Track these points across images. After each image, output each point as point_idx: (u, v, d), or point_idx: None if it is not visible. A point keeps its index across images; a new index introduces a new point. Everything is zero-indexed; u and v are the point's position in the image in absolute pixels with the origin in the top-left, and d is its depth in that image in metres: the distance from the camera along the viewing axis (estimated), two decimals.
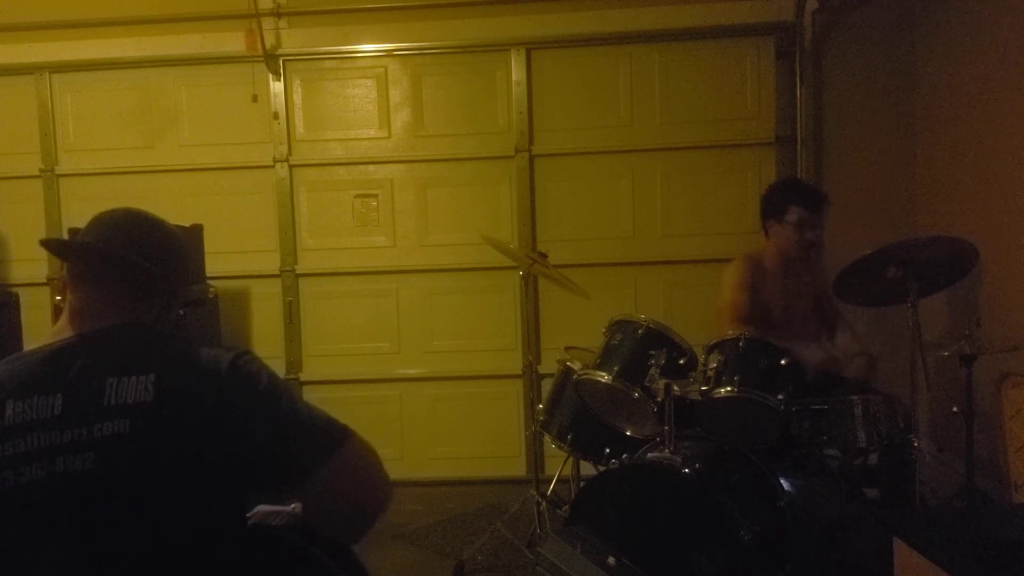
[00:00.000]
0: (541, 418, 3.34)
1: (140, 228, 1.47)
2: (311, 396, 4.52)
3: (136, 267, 1.41)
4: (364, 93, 4.50)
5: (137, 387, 1.27)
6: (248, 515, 1.40)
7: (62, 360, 1.33)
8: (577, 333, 3.93)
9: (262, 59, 4.37)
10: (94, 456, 1.24)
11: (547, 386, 3.47)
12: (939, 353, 3.14)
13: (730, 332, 2.91)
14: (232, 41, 4.37)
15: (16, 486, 1.24)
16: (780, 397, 2.70)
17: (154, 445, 1.25)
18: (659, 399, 2.75)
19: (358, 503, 1.32)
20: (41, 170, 4.56)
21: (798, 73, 4.28)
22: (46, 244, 1.48)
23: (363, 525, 1.34)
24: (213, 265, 4.22)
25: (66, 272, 1.44)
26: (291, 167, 4.50)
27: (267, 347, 4.46)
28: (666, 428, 2.71)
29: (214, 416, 1.27)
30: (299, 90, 4.50)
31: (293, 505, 1.42)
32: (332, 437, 1.31)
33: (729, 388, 2.73)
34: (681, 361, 2.85)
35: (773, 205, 3.35)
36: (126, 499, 1.24)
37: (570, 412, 3.24)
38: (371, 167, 4.52)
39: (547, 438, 3.36)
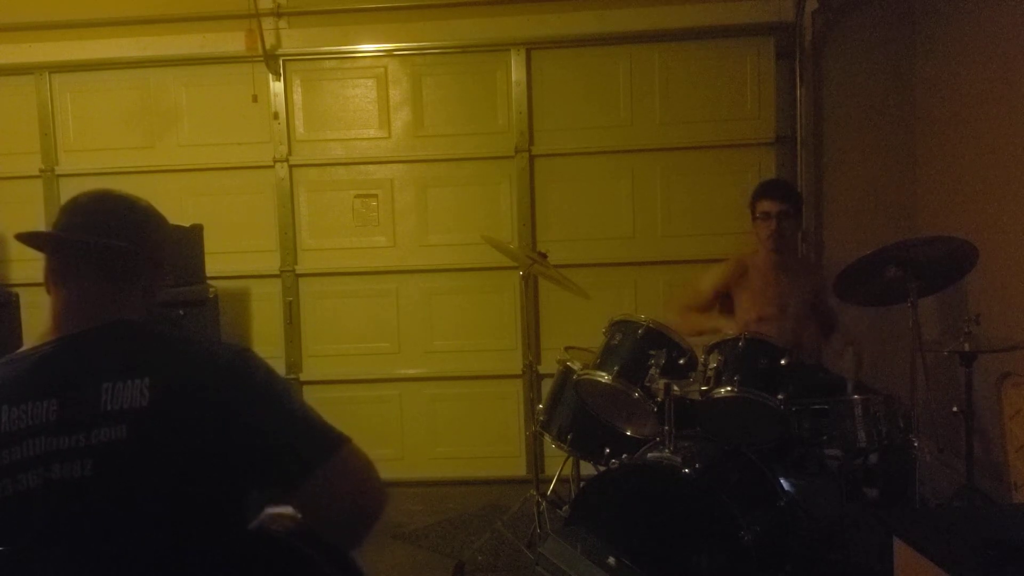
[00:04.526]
0: (541, 418, 3.34)
1: (108, 207, 1.43)
2: (311, 396, 4.52)
3: (109, 249, 1.38)
4: (364, 93, 4.50)
5: (132, 392, 1.25)
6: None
7: (52, 364, 1.31)
8: (577, 333, 3.92)
9: (262, 59, 4.37)
10: (92, 463, 1.23)
11: (547, 386, 3.47)
12: (939, 352, 3.14)
13: (730, 332, 2.92)
14: (232, 41, 4.37)
15: (15, 494, 1.23)
16: (780, 397, 2.70)
17: (152, 450, 1.24)
18: (659, 399, 2.75)
19: (354, 508, 1.30)
20: (41, 170, 4.56)
21: (798, 73, 4.28)
22: (20, 238, 1.43)
23: (359, 531, 1.33)
24: (213, 265, 4.22)
25: (44, 270, 1.40)
26: (291, 167, 4.50)
27: (267, 347, 4.46)
28: (666, 428, 2.71)
29: (210, 417, 1.25)
30: (299, 90, 4.50)
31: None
32: (330, 440, 1.30)
33: (729, 388, 2.73)
34: (681, 361, 2.85)
35: (750, 205, 3.48)
36: (125, 505, 1.23)
37: (570, 412, 3.24)
38: (371, 167, 4.52)
39: (547, 438, 3.36)
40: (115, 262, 1.40)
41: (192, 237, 4.09)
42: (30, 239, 1.45)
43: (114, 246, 1.39)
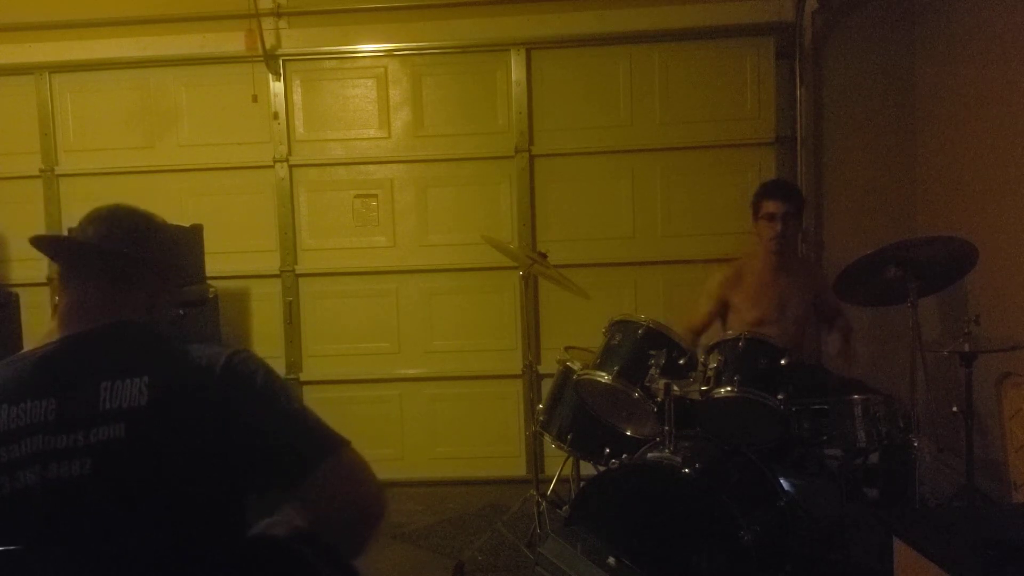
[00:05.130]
0: (541, 418, 3.34)
1: (120, 219, 1.47)
2: (311, 396, 4.52)
3: (114, 255, 1.41)
4: (364, 93, 4.50)
5: (131, 390, 1.25)
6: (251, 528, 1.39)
7: (52, 364, 1.32)
8: (577, 333, 3.92)
9: (262, 59, 4.37)
10: (91, 462, 1.23)
11: (547, 386, 3.47)
12: (939, 352, 3.14)
13: (730, 332, 2.92)
14: (232, 41, 4.37)
15: (13, 492, 1.23)
16: (780, 397, 2.70)
17: (150, 448, 1.24)
18: (659, 399, 2.75)
19: (353, 511, 1.30)
20: (41, 170, 4.56)
21: (798, 73, 4.28)
22: (33, 241, 1.48)
23: (360, 535, 1.32)
24: (213, 265, 4.22)
25: (56, 274, 1.44)
26: (291, 167, 4.50)
27: (267, 347, 4.46)
28: (666, 428, 2.71)
29: (209, 416, 1.25)
30: (299, 90, 4.50)
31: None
32: (329, 441, 1.30)
33: (729, 388, 2.73)
34: (681, 361, 2.85)
35: (752, 204, 3.49)
36: (123, 504, 1.23)
37: (570, 412, 3.24)
38: (371, 167, 4.52)
39: (547, 438, 3.36)
40: (115, 265, 1.41)
41: (192, 237, 4.08)
42: (38, 242, 1.49)
43: (114, 249, 1.41)
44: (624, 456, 2.87)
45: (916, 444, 2.80)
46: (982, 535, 1.73)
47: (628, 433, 3.06)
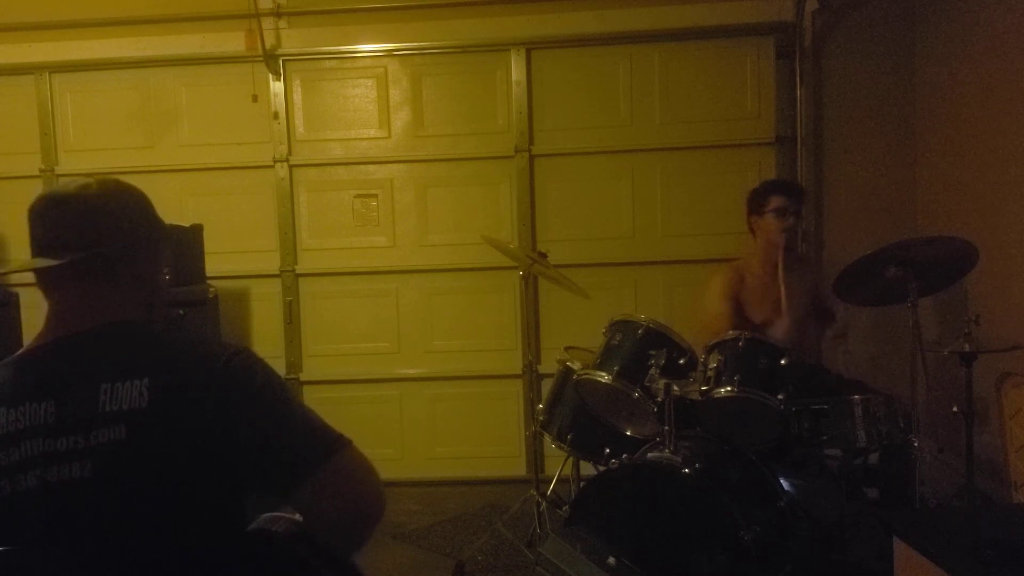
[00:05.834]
0: (541, 418, 3.34)
1: (68, 215, 1.43)
2: (311, 396, 4.53)
3: (90, 258, 1.37)
4: (364, 93, 4.50)
5: (131, 392, 1.24)
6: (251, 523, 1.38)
7: (50, 365, 1.31)
8: (577, 333, 3.93)
9: (262, 59, 4.37)
10: (92, 464, 1.22)
11: (547, 386, 3.47)
12: (939, 352, 3.14)
13: (730, 333, 2.92)
14: (232, 41, 4.37)
15: (13, 494, 1.23)
16: (780, 397, 2.70)
17: (151, 450, 1.24)
18: (659, 399, 2.75)
19: (354, 510, 1.30)
20: (41, 170, 4.56)
21: (798, 73, 4.28)
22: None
23: (359, 534, 1.32)
24: (213, 265, 4.22)
25: (35, 279, 1.39)
26: (291, 167, 4.50)
27: (267, 347, 4.46)
28: (666, 428, 2.71)
29: (210, 418, 1.24)
30: (299, 90, 4.50)
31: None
32: (330, 442, 1.29)
33: (729, 388, 2.72)
34: (681, 361, 2.85)
35: (754, 200, 3.46)
36: (124, 506, 1.23)
37: (570, 412, 3.25)
38: (371, 167, 4.52)
39: (547, 438, 3.36)
40: (88, 266, 1.38)
41: (192, 237, 4.09)
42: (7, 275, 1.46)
43: (79, 257, 1.36)
44: (624, 456, 2.87)
45: (916, 444, 2.80)
46: (982, 535, 1.73)
47: (628, 433, 3.07)
